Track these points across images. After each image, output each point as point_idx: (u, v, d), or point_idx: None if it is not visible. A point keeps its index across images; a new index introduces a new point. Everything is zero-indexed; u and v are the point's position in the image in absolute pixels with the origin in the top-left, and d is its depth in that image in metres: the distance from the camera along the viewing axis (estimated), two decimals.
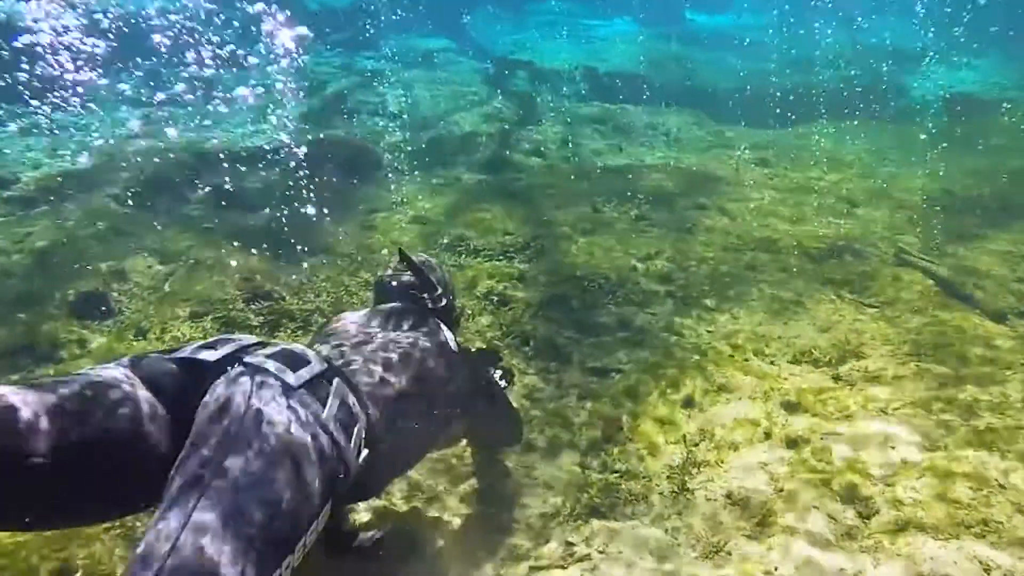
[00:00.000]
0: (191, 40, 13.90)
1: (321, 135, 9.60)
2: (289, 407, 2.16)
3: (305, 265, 6.16)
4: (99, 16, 12.96)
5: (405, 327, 3.09)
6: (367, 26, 17.64)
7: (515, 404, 4.11)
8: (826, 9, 18.72)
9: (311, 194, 7.98)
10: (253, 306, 5.47)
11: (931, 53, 16.64)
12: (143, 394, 2.08)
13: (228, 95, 13.10)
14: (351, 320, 3.15)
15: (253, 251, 6.26)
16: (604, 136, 10.61)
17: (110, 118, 11.47)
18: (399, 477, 3.51)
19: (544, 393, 4.51)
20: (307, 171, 8.64)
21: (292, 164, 8.76)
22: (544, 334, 5.16)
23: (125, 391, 2.05)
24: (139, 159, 8.77)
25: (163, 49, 13.60)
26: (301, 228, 6.92)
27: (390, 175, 8.58)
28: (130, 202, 7.71)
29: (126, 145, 9.93)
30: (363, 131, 10.18)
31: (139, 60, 13.14)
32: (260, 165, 8.86)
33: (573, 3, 21.80)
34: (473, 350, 3.82)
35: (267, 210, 7.47)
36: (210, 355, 2.27)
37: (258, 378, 2.18)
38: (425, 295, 3.35)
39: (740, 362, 4.80)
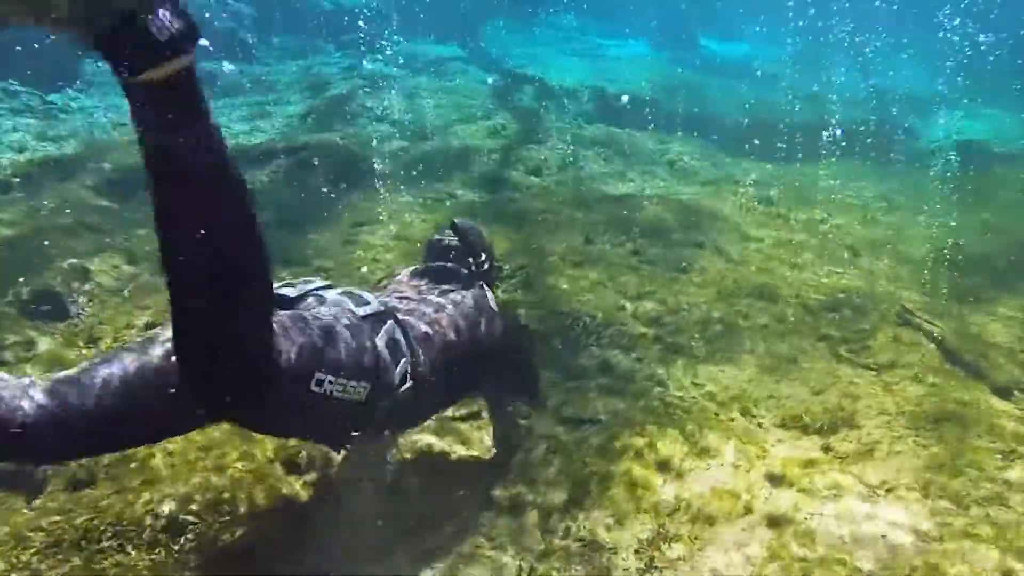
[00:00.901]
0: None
1: (315, 139, 9.28)
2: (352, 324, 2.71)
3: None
4: None
5: (452, 286, 3.53)
6: (378, 29, 17.38)
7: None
8: (840, 46, 18.49)
9: (296, 201, 7.66)
10: None
11: (943, 99, 16.39)
12: None
13: (231, 88, 12.84)
14: (406, 275, 3.68)
15: None
16: (607, 160, 10.29)
17: (105, 103, 11.15)
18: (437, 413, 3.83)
19: (511, 442, 4.17)
20: (295, 176, 8.33)
21: (281, 167, 8.45)
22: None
23: None
24: (127, 148, 8.47)
25: None
26: (280, 237, 6.59)
27: (381, 186, 8.26)
28: (108, 194, 7.40)
29: (116, 132, 9.64)
30: (360, 137, 9.85)
31: None
32: (248, 165, 8.54)
33: (588, 20, 21.57)
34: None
35: None
36: (290, 291, 2.74)
37: (340, 305, 2.78)
38: (470, 259, 3.73)
39: (725, 422, 4.46)
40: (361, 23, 17.12)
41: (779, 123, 13.03)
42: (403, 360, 2.87)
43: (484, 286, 3.69)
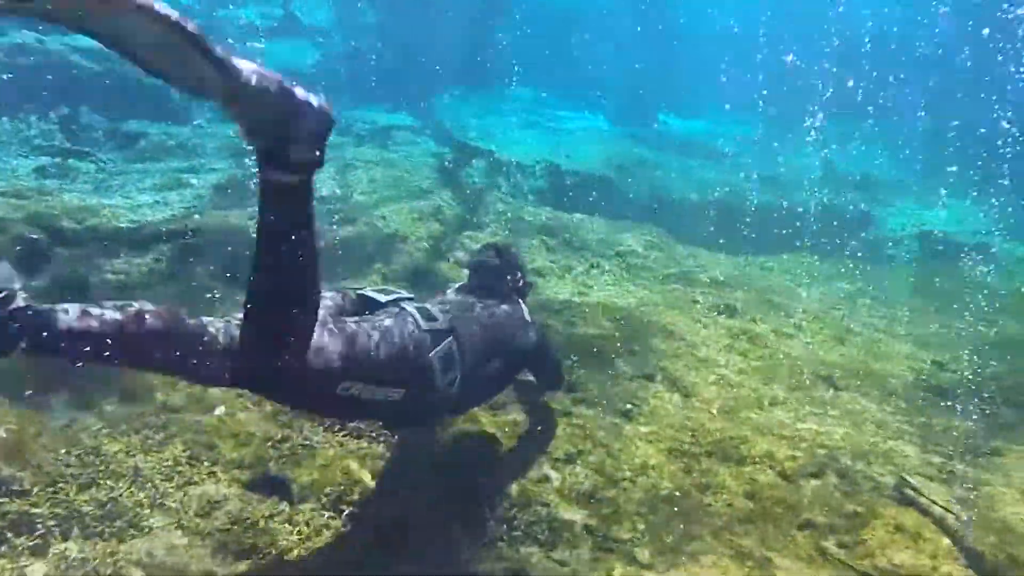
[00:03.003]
0: (121, 87, 12.15)
1: (218, 218, 7.75)
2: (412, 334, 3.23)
3: (96, 426, 4.24)
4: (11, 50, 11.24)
5: (493, 300, 3.93)
6: (327, 93, 16.03)
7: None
8: (801, 126, 17.57)
9: (169, 300, 6.11)
10: None
11: (903, 185, 15.46)
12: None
13: (152, 152, 11.34)
14: (452, 291, 4.07)
15: (34, 395, 4.34)
16: (550, 251, 8.89)
17: None
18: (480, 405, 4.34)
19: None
20: (180, 266, 6.80)
21: (165, 255, 6.92)
22: None
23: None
24: None
25: (87, 94, 11.86)
26: None
27: None
28: None
29: None
30: None
31: (55, 103, 11.29)
32: (131, 250, 6.99)
33: (548, 93, 20.49)
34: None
35: None
36: (381, 297, 3.52)
37: (408, 319, 3.29)
38: (508, 276, 4.13)
39: None
40: (314, 83, 15.81)
41: (738, 209, 11.88)
42: (452, 372, 3.31)
43: (519, 300, 4.15)
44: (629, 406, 4.99)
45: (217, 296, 6.18)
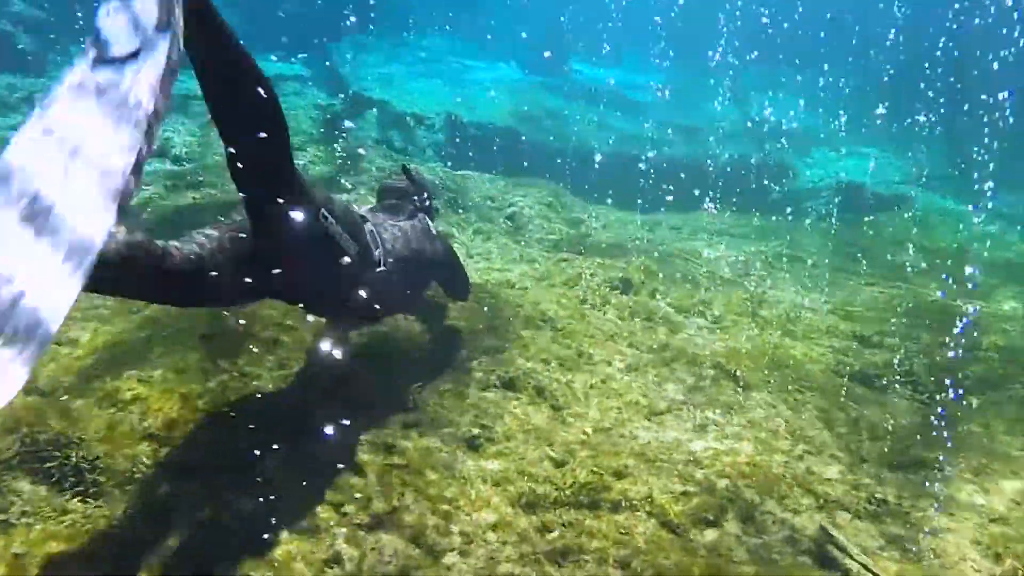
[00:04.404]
0: None
1: None
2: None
3: None
4: None
5: (402, 217, 4.01)
6: None
7: None
8: (718, 73, 16.37)
9: None
10: None
11: (821, 134, 14.41)
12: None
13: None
14: (365, 210, 3.84)
15: None
16: None
17: None
18: (399, 313, 4.30)
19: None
20: None
21: None
22: None
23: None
24: None
25: None
26: None
27: None
28: None
29: None
30: None
31: None
32: None
33: (457, 41, 18.80)
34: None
35: None
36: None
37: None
38: (415, 196, 4.29)
39: None
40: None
41: (648, 162, 10.60)
42: (378, 250, 3.39)
43: (426, 218, 4.20)
44: (477, 430, 3.67)
45: None
